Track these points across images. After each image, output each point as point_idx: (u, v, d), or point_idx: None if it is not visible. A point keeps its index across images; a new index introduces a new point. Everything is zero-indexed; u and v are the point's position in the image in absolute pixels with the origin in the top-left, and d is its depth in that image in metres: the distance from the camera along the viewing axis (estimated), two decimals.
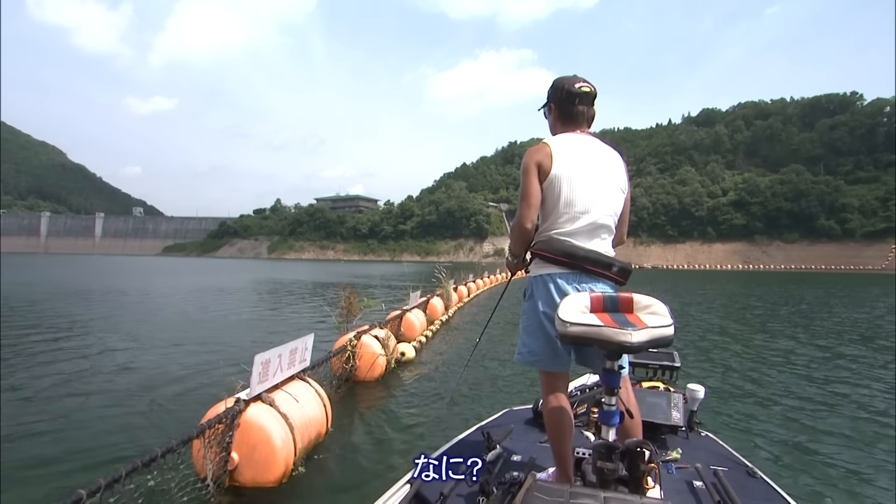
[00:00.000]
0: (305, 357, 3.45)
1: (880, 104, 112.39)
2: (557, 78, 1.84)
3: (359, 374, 4.92)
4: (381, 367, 4.99)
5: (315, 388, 3.36)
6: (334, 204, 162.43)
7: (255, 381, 2.76)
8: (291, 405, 2.94)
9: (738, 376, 5.72)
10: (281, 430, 2.71)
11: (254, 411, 2.69)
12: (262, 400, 2.80)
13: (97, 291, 16.23)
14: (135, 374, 5.29)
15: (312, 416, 3.10)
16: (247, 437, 2.62)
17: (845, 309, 14.45)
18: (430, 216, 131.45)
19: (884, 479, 3.05)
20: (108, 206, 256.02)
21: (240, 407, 2.64)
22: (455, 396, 4.56)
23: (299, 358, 3.34)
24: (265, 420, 2.68)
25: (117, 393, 4.59)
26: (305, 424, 2.97)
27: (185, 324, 9.37)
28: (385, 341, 5.12)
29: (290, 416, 2.82)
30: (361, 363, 4.89)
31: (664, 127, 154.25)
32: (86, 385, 4.84)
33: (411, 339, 7.12)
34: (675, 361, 2.81)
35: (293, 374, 3.27)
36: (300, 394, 3.14)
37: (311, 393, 3.27)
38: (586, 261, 1.66)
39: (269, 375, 2.91)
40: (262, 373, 2.81)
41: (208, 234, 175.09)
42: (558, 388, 1.72)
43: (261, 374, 2.80)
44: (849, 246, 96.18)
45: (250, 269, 45.64)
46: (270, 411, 2.76)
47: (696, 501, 1.67)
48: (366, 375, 4.93)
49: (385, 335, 5.21)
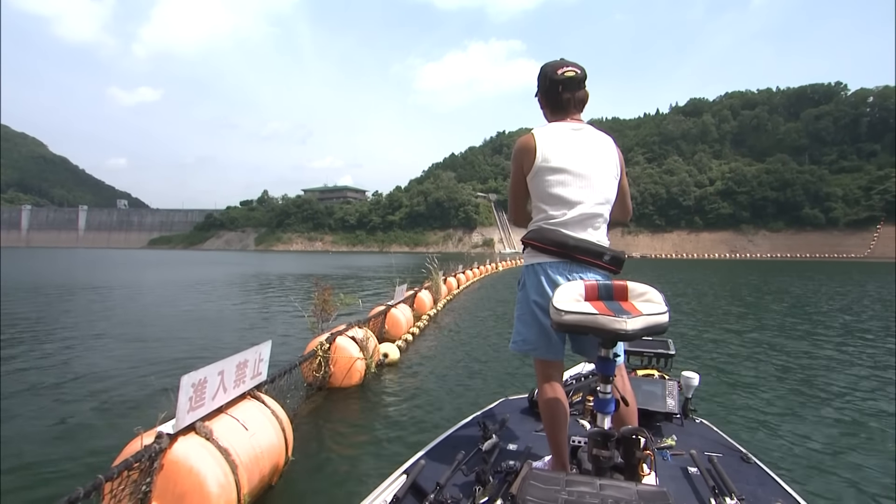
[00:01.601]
0: (261, 370, 2.82)
1: (863, 94, 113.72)
2: (544, 64, 1.78)
3: (334, 382, 4.31)
4: (359, 372, 4.38)
5: (272, 409, 2.73)
6: (322, 195, 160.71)
7: (184, 409, 2.13)
8: (237, 435, 2.33)
9: (732, 363, 5.76)
10: (219, 470, 2.09)
11: (181, 448, 2.07)
12: (195, 431, 2.18)
13: (61, 286, 15.32)
14: (64, 380, 4.62)
15: (266, 446, 2.49)
16: (171, 485, 2.00)
17: (833, 297, 14.18)
18: (418, 207, 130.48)
19: (876, 462, 3.05)
20: (91, 198, 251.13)
21: (161, 444, 2.01)
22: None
23: (251, 372, 2.72)
24: (197, 459, 2.06)
25: (30, 408, 3.91)
26: (255, 458, 2.36)
27: (148, 319, 8.68)
28: (364, 343, 4.50)
29: (232, 451, 2.20)
30: (336, 369, 4.28)
31: (652, 117, 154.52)
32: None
33: (396, 337, 6.52)
34: (669, 349, 2.79)
35: (244, 392, 2.66)
36: (251, 418, 2.52)
37: (266, 415, 2.65)
38: (576, 250, 1.64)
39: (205, 399, 2.29)
40: (193, 398, 2.19)
41: (195, 227, 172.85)
42: (553, 377, 1.70)
43: (192, 399, 2.18)
44: (833, 234, 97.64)
45: (235, 260, 44.54)
46: (205, 446, 2.14)
47: (691, 487, 1.67)
48: (342, 382, 4.31)
49: (364, 336, 4.58)
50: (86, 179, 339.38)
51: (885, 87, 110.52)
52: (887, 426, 3.70)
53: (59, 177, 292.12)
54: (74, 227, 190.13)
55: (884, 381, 4.99)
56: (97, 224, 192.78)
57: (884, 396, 4.46)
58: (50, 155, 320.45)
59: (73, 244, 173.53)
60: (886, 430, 3.61)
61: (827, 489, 2.71)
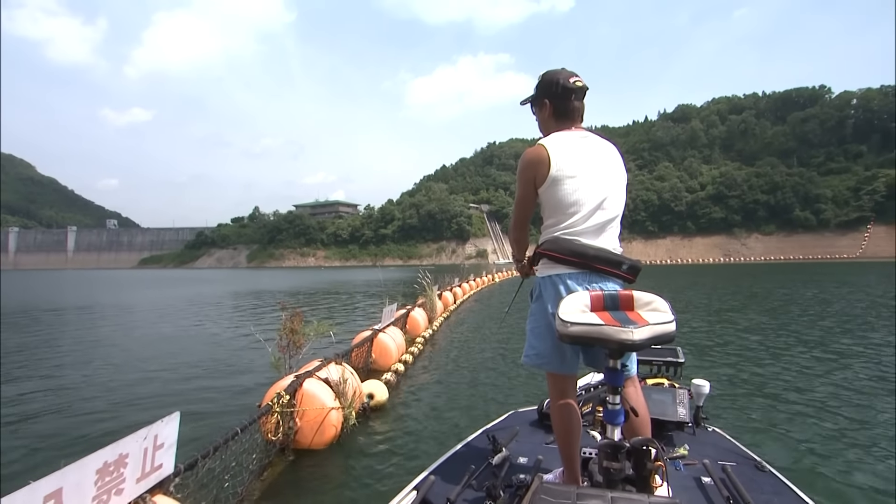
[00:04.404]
0: (160, 462, 1.81)
1: (847, 97, 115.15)
2: (548, 72, 1.75)
3: (301, 440, 3.28)
4: (334, 426, 3.36)
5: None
6: (314, 210, 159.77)
7: None
8: None
9: (743, 369, 5.56)
10: None
11: None
12: None
13: (28, 309, 14.13)
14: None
15: None
16: None
17: (839, 299, 13.36)
18: (410, 219, 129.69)
19: (893, 469, 2.90)
20: (80, 219, 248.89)
21: None
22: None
23: (139, 469, 1.71)
24: None
25: None
26: None
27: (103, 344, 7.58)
28: (340, 386, 3.48)
29: None
30: (304, 423, 3.26)
31: (641, 124, 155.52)
32: None
33: (386, 368, 5.51)
34: (678, 357, 2.75)
35: (132, 499, 1.65)
36: None
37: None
38: (596, 259, 1.59)
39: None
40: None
41: (186, 245, 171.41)
42: (567, 391, 1.66)
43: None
44: (824, 236, 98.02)
45: (223, 279, 43.11)
46: None
47: (705, 498, 1.62)
48: (312, 441, 3.28)
49: (340, 376, 3.55)
50: (75, 200, 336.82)
51: (868, 90, 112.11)
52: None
53: (47, 198, 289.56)
54: (63, 249, 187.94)
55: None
56: (86, 245, 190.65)
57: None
58: (38, 176, 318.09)
59: (62, 266, 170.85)
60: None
61: (845, 498, 2.58)
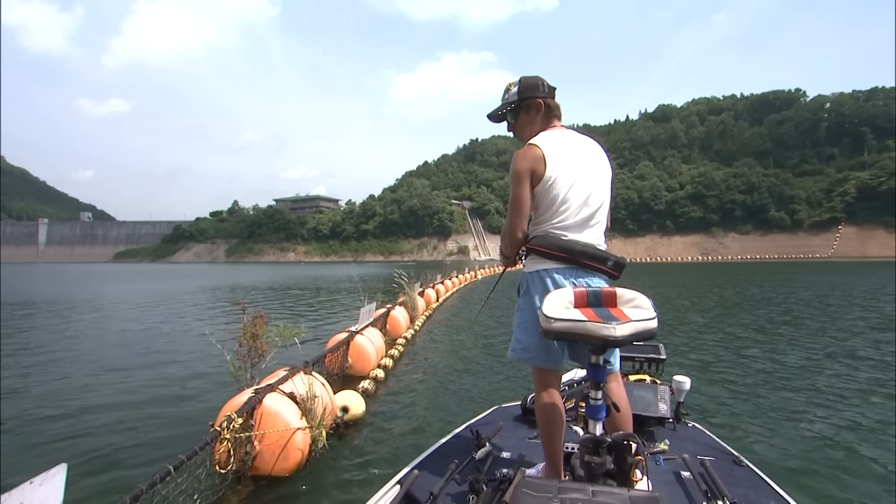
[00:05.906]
0: None
1: (821, 100, 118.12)
2: (526, 76, 1.77)
3: (261, 466, 2.80)
4: (300, 449, 2.88)
5: None
6: (294, 205, 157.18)
7: None
8: None
9: (722, 366, 5.70)
10: None
11: None
12: None
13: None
14: None
15: None
16: None
17: (817, 298, 13.40)
18: (392, 215, 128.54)
19: (867, 464, 3.00)
20: (53, 211, 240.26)
21: None
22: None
23: None
24: None
25: None
26: None
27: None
28: (306, 403, 3.00)
29: None
30: (264, 447, 2.78)
31: (622, 123, 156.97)
32: None
33: (363, 373, 5.04)
34: (660, 354, 2.76)
35: None
36: None
37: None
38: (583, 255, 1.63)
39: None
40: None
41: (163, 239, 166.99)
42: (551, 385, 1.68)
43: None
44: (798, 236, 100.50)
45: (198, 274, 41.77)
46: None
47: (683, 492, 1.66)
48: (274, 468, 2.80)
49: (307, 390, 3.07)
50: (48, 192, 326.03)
51: (841, 94, 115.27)
52: (879, 427, 3.63)
53: (17, 189, 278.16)
54: (34, 242, 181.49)
55: (876, 381, 4.91)
56: (59, 238, 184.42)
57: (877, 396, 4.40)
58: (7, 167, 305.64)
59: (32, 259, 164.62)
60: (877, 431, 3.55)
61: (818, 491, 2.67)
